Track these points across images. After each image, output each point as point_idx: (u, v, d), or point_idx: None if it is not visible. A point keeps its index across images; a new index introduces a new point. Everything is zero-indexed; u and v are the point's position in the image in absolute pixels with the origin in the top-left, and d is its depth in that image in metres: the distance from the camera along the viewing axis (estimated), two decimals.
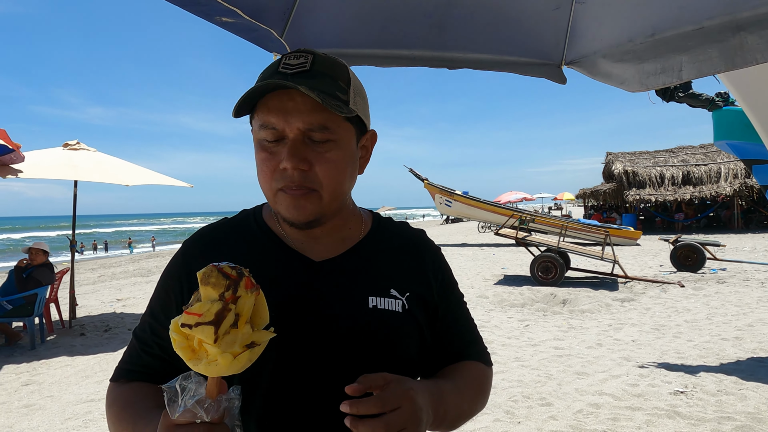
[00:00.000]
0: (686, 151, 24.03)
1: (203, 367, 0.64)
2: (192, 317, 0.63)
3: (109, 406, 0.87)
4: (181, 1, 1.11)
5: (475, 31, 1.59)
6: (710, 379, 4.36)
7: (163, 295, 0.89)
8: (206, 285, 0.64)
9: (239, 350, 0.65)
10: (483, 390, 0.98)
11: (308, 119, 0.78)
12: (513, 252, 15.64)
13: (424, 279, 0.94)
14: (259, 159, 0.82)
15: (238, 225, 0.94)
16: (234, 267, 0.67)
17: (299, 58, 0.81)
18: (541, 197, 43.63)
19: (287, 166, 0.78)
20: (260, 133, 0.81)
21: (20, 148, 5.82)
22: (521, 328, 6.51)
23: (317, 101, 0.76)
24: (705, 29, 1.43)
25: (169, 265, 0.92)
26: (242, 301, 0.65)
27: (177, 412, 0.63)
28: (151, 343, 0.87)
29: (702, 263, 10.40)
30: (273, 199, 0.83)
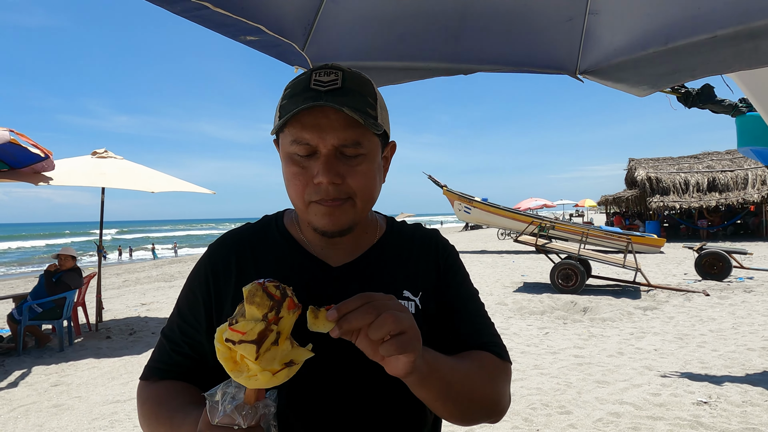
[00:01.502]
0: (712, 157, 23.52)
1: (244, 380, 0.67)
2: (236, 334, 0.66)
3: (142, 403, 0.90)
4: (208, 22, 1.18)
5: (490, 43, 1.64)
6: (735, 390, 4.27)
7: (191, 296, 0.93)
8: (251, 304, 0.67)
9: (278, 367, 0.68)
10: (486, 375, 0.89)
11: (342, 136, 0.81)
12: (533, 259, 15.51)
13: (435, 275, 0.97)
14: (290, 173, 0.84)
15: (260, 230, 0.98)
16: (278, 286, 0.69)
17: (329, 74, 0.83)
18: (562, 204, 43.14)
19: (322, 181, 0.80)
20: (292, 148, 0.82)
21: (52, 155, 6.03)
22: (541, 335, 6.46)
23: (351, 118, 0.80)
24: (718, 38, 1.45)
25: (195, 268, 0.96)
26: (284, 321, 0.69)
27: (217, 417, 0.67)
28: (180, 343, 0.91)
29: (728, 272, 10.17)
30: (305, 210, 0.85)
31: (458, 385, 0.82)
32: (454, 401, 0.81)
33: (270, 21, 1.31)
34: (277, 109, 0.87)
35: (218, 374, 0.85)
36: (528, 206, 30.96)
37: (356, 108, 0.80)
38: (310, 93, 0.80)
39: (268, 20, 1.30)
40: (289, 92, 0.84)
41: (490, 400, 0.88)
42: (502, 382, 0.92)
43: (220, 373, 0.82)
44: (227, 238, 0.98)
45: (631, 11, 1.56)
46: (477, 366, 0.88)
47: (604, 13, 1.56)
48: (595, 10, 1.56)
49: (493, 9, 1.55)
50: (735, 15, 1.40)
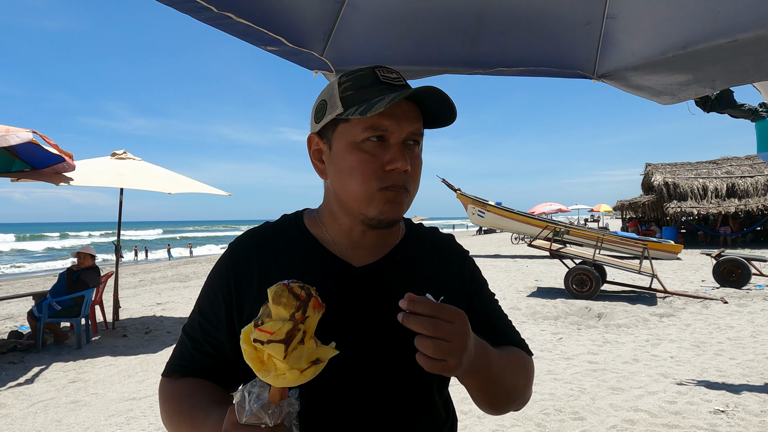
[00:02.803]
0: (731, 163, 23.14)
1: (272, 379, 0.69)
2: (264, 334, 0.68)
3: (165, 400, 0.91)
4: (231, 30, 1.21)
5: (507, 47, 1.65)
6: (753, 399, 4.20)
7: (212, 295, 0.93)
8: (278, 304, 0.69)
9: (305, 365, 0.70)
10: (526, 371, 0.98)
11: (415, 125, 0.86)
12: (547, 264, 15.38)
13: (456, 281, 0.99)
14: (358, 160, 0.85)
15: (280, 230, 0.98)
16: (303, 287, 0.71)
17: (392, 72, 0.89)
18: (577, 209, 42.70)
19: (399, 167, 0.83)
20: (362, 135, 0.84)
21: (72, 157, 6.15)
22: (554, 341, 6.41)
23: (417, 111, 0.87)
24: (738, 42, 1.45)
25: (216, 266, 0.96)
26: (309, 321, 0.71)
27: (245, 416, 0.68)
28: (201, 341, 0.92)
29: (747, 279, 9.98)
30: (368, 199, 0.86)
31: (502, 378, 0.89)
32: (495, 392, 0.89)
33: (290, 31, 1.33)
34: (333, 101, 0.87)
35: (239, 372, 0.88)
36: (542, 211, 30.72)
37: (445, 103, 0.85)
38: (386, 85, 0.85)
39: (288, 30, 1.32)
40: (351, 84, 0.87)
41: (522, 392, 0.96)
42: (532, 375, 1.02)
43: (241, 372, 0.85)
44: (248, 237, 0.98)
45: (650, 15, 1.56)
46: (520, 362, 0.97)
47: (622, 17, 1.57)
48: (613, 14, 1.56)
49: (510, 13, 1.56)
50: (753, 19, 1.39)
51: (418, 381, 0.82)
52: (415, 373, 0.81)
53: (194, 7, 1.13)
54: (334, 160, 0.88)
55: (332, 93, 0.89)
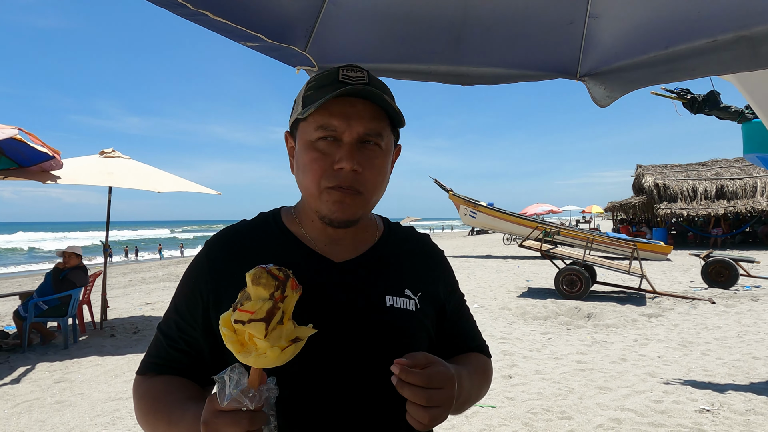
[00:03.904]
0: (720, 165, 23.37)
1: (253, 359, 0.70)
2: (245, 314, 0.69)
3: (139, 399, 0.90)
4: (209, 26, 1.20)
5: (491, 46, 1.64)
6: (739, 398, 4.24)
7: (188, 293, 0.92)
8: (257, 285, 0.70)
9: (285, 344, 0.71)
10: (486, 379, 1.05)
11: (368, 125, 0.85)
12: (538, 265, 15.45)
13: (433, 280, 1.01)
14: (310, 158, 0.86)
15: (258, 226, 0.98)
16: (280, 269, 0.73)
17: (356, 71, 0.88)
18: (569, 210, 42.93)
19: (345, 167, 0.83)
20: (316, 134, 0.85)
21: (60, 155, 6.09)
22: (543, 341, 6.44)
23: (376, 110, 0.85)
24: (718, 42, 1.45)
25: (193, 265, 0.96)
26: (288, 300, 0.72)
27: (225, 400, 0.69)
28: (177, 339, 0.91)
29: (735, 280, 10.09)
30: (318, 197, 0.87)
31: (468, 398, 0.95)
32: (462, 407, 0.94)
33: (270, 28, 1.32)
34: (298, 101, 0.90)
35: (214, 370, 0.86)
36: (534, 212, 30.84)
37: (383, 102, 0.85)
38: (341, 84, 0.84)
39: (268, 26, 1.31)
40: (314, 84, 0.88)
41: (482, 397, 1.05)
42: (491, 378, 1.09)
43: (216, 369, 0.83)
44: (225, 235, 0.97)
45: (632, 15, 1.57)
46: (482, 373, 1.03)
47: (605, 16, 1.57)
48: (596, 14, 1.56)
49: (494, 12, 1.56)
50: (735, 19, 1.40)
51: (383, 375, 0.84)
52: (380, 367, 0.83)
53: (171, 3, 1.12)
54: (297, 157, 0.91)
55: (300, 93, 0.91)
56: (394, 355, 0.78)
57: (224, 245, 0.95)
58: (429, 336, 0.96)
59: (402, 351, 0.85)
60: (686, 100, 4.10)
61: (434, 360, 0.78)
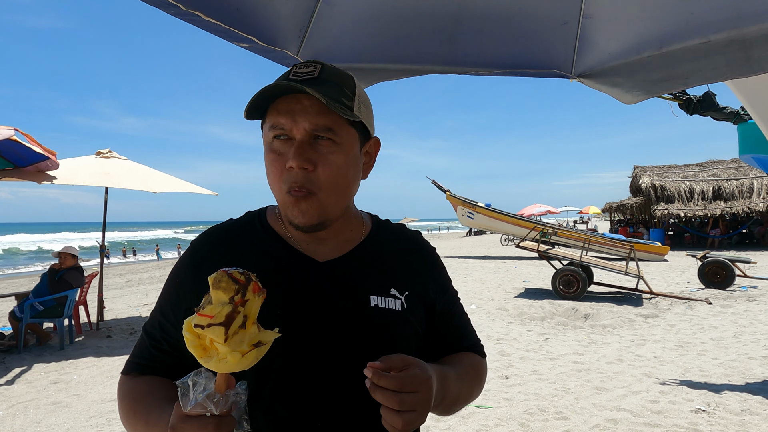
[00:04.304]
0: (717, 166, 23.45)
1: (214, 364, 0.69)
2: (204, 318, 0.68)
3: (122, 398, 0.90)
4: (203, 26, 1.20)
5: (485, 46, 1.64)
6: (734, 399, 4.25)
7: (173, 293, 0.92)
8: (217, 289, 0.69)
9: (247, 349, 0.70)
10: (479, 379, 1.03)
11: (314, 120, 0.82)
12: (535, 265, 15.46)
13: (421, 278, 0.99)
14: (268, 160, 0.86)
15: (243, 226, 0.97)
16: (242, 272, 0.71)
17: (308, 67, 0.86)
18: (566, 210, 43.03)
19: (292, 165, 0.82)
20: (269, 135, 0.85)
21: (56, 155, 6.08)
22: (540, 341, 6.44)
23: (324, 105, 0.81)
24: (712, 42, 1.46)
25: (177, 265, 0.95)
26: (250, 304, 0.71)
27: (189, 405, 0.68)
28: (160, 339, 0.90)
29: (731, 280, 10.11)
30: (282, 203, 0.87)
31: (457, 399, 0.94)
32: (447, 409, 0.93)
33: (262, 29, 1.32)
34: None
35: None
36: (532, 212, 30.90)
37: (328, 95, 0.82)
38: (287, 82, 0.82)
39: (260, 28, 1.31)
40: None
41: (473, 397, 1.02)
42: (485, 378, 1.07)
43: None
44: (209, 235, 0.96)
45: (625, 15, 1.57)
46: (474, 373, 1.01)
47: (598, 17, 1.57)
48: (589, 14, 1.57)
49: (487, 12, 1.56)
50: (728, 20, 1.40)
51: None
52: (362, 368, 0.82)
53: (163, 3, 1.12)
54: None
55: None
56: (377, 356, 0.77)
57: (208, 245, 0.94)
58: (417, 336, 0.95)
59: (386, 352, 0.84)
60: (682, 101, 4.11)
61: (411, 362, 0.77)
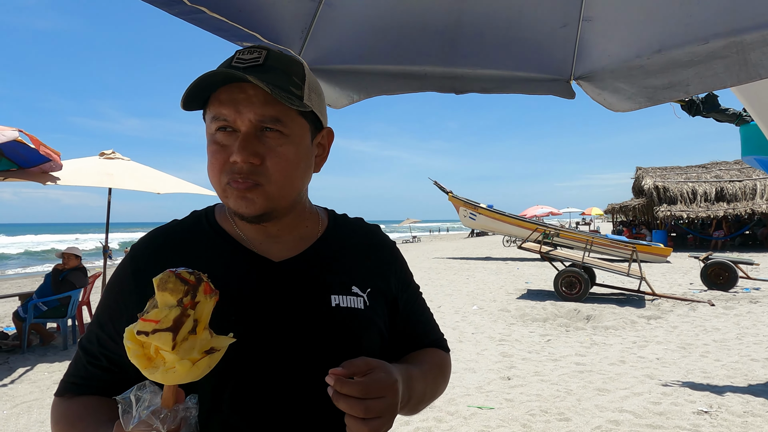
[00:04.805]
0: (720, 167, 23.38)
1: (160, 375, 0.62)
2: (149, 324, 0.61)
3: (55, 423, 0.83)
4: (205, 25, 1.21)
5: (485, 49, 1.66)
6: (737, 400, 4.24)
7: (112, 304, 0.84)
8: (164, 291, 0.63)
9: (198, 356, 0.64)
10: (444, 375, 1.01)
11: (260, 111, 0.77)
12: (538, 267, 15.45)
13: (383, 274, 0.95)
14: (210, 152, 0.80)
15: (189, 227, 0.90)
16: (192, 272, 0.65)
17: (253, 53, 0.80)
18: (569, 212, 42.96)
19: (237, 159, 0.76)
20: (212, 126, 0.79)
21: (60, 156, 6.11)
22: (542, 342, 6.44)
23: (269, 94, 0.75)
24: (710, 45, 1.47)
25: (117, 273, 0.87)
26: (201, 307, 0.65)
27: (131, 423, 0.61)
28: (98, 355, 0.83)
29: (734, 282, 10.08)
30: (223, 194, 0.81)
31: (422, 398, 0.91)
32: (416, 407, 0.91)
33: (266, 28, 1.34)
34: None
35: None
36: (534, 213, 30.87)
37: (275, 84, 0.77)
38: (229, 69, 0.77)
39: (264, 27, 1.33)
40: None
41: (439, 395, 1.00)
42: (449, 374, 1.04)
43: None
44: (152, 238, 0.89)
45: (624, 18, 1.58)
46: (438, 370, 0.98)
47: (598, 19, 1.58)
48: (589, 17, 1.58)
49: (488, 15, 1.57)
50: (726, 23, 1.41)
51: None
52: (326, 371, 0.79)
53: (167, 1, 1.13)
54: None
55: None
56: (342, 359, 0.73)
57: (150, 249, 0.87)
58: (381, 334, 0.91)
59: (350, 353, 0.80)
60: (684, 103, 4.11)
61: (375, 365, 0.73)
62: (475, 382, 4.90)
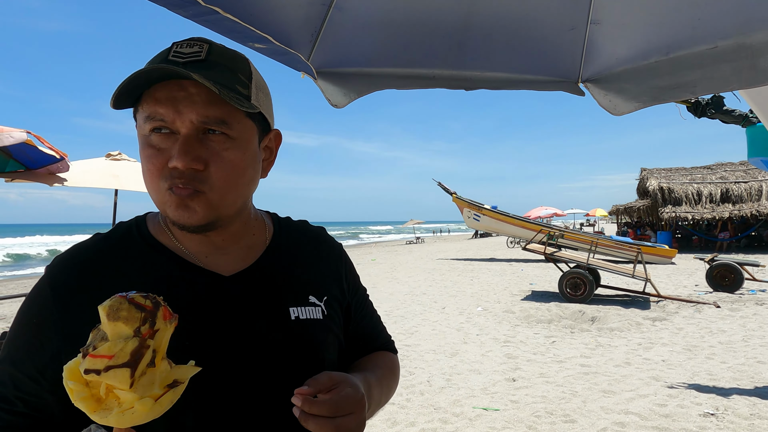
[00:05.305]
0: (725, 168, 23.29)
1: (115, 418, 0.54)
2: (100, 360, 0.53)
3: None
4: (218, 27, 1.23)
5: (493, 51, 1.66)
6: (743, 403, 4.23)
7: (29, 338, 0.71)
8: (116, 320, 0.54)
9: (159, 392, 0.56)
10: (395, 378, 1.00)
11: (203, 112, 0.69)
12: (542, 268, 15.42)
13: (336, 279, 0.92)
14: (145, 156, 0.72)
15: (119, 242, 0.79)
16: (146, 296, 0.58)
17: (193, 46, 0.72)
18: (573, 213, 42.85)
19: (178, 165, 0.68)
20: (145, 127, 0.71)
21: (68, 157, 6.15)
22: (547, 344, 6.44)
23: (214, 93, 0.69)
24: (718, 49, 1.47)
25: (32, 300, 0.74)
26: (160, 335, 0.57)
27: None
28: (13, 400, 0.69)
29: (740, 284, 10.04)
30: (161, 202, 0.73)
31: (381, 401, 0.91)
32: (372, 414, 0.88)
33: (277, 30, 1.35)
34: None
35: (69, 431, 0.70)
36: (538, 215, 30.81)
37: (220, 82, 0.70)
38: (165, 64, 0.69)
39: (275, 29, 1.34)
40: (146, 65, 0.71)
41: (390, 398, 0.99)
42: (398, 376, 1.04)
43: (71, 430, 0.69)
44: (73, 256, 0.77)
45: (633, 21, 1.59)
46: (390, 374, 0.97)
47: (606, 22, 1.59)
48: (597, 20, 1.58)
49: (496, 18, 1.58)
50: (735, 26, 1.42)
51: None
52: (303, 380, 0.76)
53: (182, 2, 1.14)
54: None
55: None
56: (305, 374, 0.70)
57: (73, 270, 0.75)
58: (339, 343, 0.88)
59: (313, 367, 0.78)
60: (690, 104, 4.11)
61: (339, 380, 0.70)
62: (480, 383, 4.90)
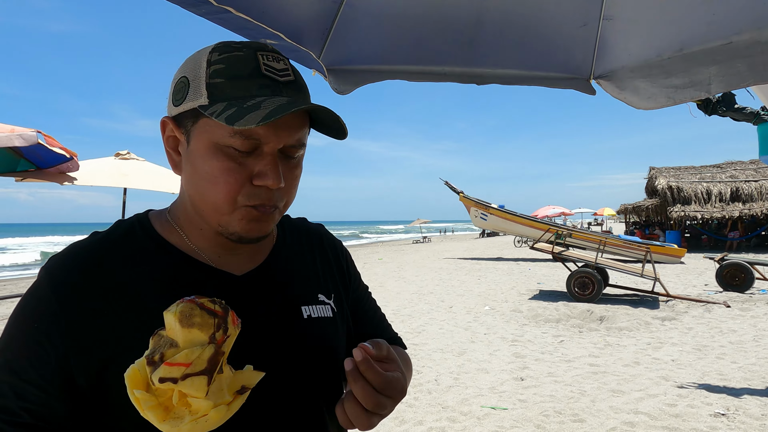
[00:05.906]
0: (735, 167, 23.07)
1: (188, 426, 0.53)
2: (177, 369, 0.52)
3: None
4: (230, 25, 1.23)
5: (505, 48, 1.66)
6: (755, 403, 4.19)
7: (32, 345, 0.67)
8: (190, 327, 0.54)
9: (230, 398, 0.56)
10: (410, 373, 0.98)
11: (297, 135, 0.71)
12: (550, 267, 15.36)
13: (341, 276, 0.93)
14: (221, 167, 0.69)
15: (121, 241, 0.76)
16: (214, 300, 0.57)
17: (278, 61, 0.72)
18: (581, 212, 42.63)
19: (270, 185, 0.69)
20: (231, 140, 0.68)
21: (77, 157, 6.20)
22: (555, 343, 6.41)
23: (302, 118, 0.71)
24: (733, 44, 1.46)
25: (31, 304, 0.70)
26: (229, 341, 0.57)
27: None
28: (17, 411, 0.64)
29: (750, 283, 9.95)
30: (229, 214, 0.71)
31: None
32: None
33: (289, 28, 1.36)
34: (196, 82, 0.70)
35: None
36: (546, 214, 30.67)
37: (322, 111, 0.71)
38: (266, 81, 0.69)
39: (287, 26, 1.34)
40: (224, 68, 0.69)
41: None
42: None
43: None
44: (74, 256, 0.73)
45: (646, 17, 1.57)
46: (407, 369, 0.94)
47: (618, 18, 1.58)
48: (609, 16, 1.57)
49: (507, 15, 1.58)
50: (749, 21, 1.40)
51: (309, 397, 0.78)
52: (315, 379, 0.77)
53: (195, 2, 1.15)
54: (192, 159, 0.72)
55: (198, 72, 0.70)
56: (316, 369, 0.70)
57: (74, 271, 0.71)
58: (349, 341, 0.88)
59: (326, 366, 0.78)
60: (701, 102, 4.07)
61: (394, 358, 0.69)
62: (488, 382, 4.89)
